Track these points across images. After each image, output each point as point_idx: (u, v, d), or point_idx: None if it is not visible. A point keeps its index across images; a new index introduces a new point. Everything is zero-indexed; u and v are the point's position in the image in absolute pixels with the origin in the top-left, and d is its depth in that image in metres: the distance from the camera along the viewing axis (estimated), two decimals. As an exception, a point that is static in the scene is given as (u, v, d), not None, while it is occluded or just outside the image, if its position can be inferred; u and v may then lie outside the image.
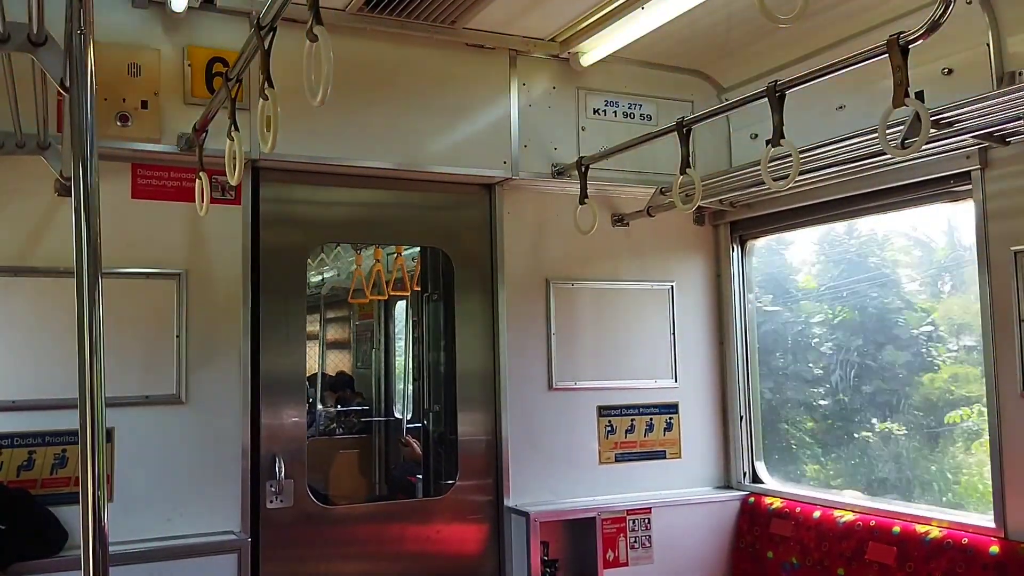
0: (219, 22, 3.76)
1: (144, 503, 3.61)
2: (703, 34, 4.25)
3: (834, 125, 3.83)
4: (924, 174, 3.75)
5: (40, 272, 3.53)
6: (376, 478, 6.17)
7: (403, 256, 5.22)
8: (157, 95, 3.66)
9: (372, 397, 6.42)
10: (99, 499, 1.70)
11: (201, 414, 3.74)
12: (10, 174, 3.51)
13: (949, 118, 3.16)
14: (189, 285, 3.77)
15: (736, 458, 4.82)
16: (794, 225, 4.64)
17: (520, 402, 4.41)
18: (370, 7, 3.83)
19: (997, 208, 3.53)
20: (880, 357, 4.83)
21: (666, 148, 3.93)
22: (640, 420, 4.66)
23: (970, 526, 3.59)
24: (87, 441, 1.72)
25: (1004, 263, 3.48)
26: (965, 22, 3.41)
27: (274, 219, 4.03)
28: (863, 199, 4.12)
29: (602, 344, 4.63)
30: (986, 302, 3.55)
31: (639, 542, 4.38)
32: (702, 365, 4.87)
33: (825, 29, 3.93)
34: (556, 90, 4.45)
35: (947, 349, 4.55)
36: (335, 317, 6.90)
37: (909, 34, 2.55)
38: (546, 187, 4.48)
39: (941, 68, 3.58)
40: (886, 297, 4.89)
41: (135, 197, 3.75)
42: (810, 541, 4.18)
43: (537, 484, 4.40)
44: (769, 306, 5.17)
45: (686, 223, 4.86)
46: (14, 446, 3.46)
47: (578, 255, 4.59)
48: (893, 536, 3.81)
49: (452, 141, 4.23)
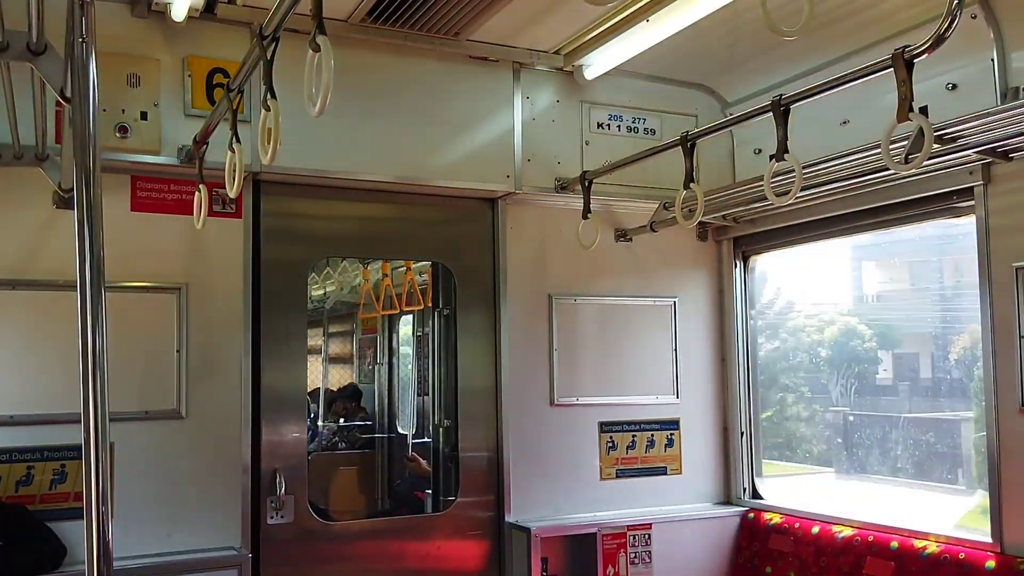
0: (220, 32, 3.73)
1: (144, 519, 3.57)
2: (707, 48, 4.24)
3: (838, 140, 3.81)
4: (927, 190, 3.75)
5: (39, 285, 3.50)
6: (379, 493, 6.13)
7: (412, 270, 5.20)
8: (157, 106, 3.63)
9: (375, 412, 6.39)
10: (103, 516, 1.67)
11: (201, 429, 3.71)
12: (8, 186, 3.49)
13: (952, 133, 3.15)
14: (189, 299, 3.75)
15: (736, 474, 4.80)
16: (797, 241, 4.63)
17: (522, 418, 4.38)
18: (373, 18, 3.81)
19: (999, 224, 3.52)
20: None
21: (670, 163, 3.91)
22: (641, 436, 4.63)
23: (967, 541, 3.60)
24: (91, 458, 1.68)
25: (1006, 279, 3.48)
26: (970, 37, 3.41)
27: (275, 232, 4.00)
28: (866, 215, 4.11)
29: (604, 360, 4.61)
30: (987, 317, 3.55)
31: (639, 558, 4.34)
32: (703, 381, 4.85)
33: (830, 43, 3.93)
34: (560, 103, 4.45)
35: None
36: (338, 331, 6.88)
37: (914, 49, 2.54)
38: (549, 202, 4.46)
39: (945, 83, 3.59)
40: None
41: (134, 210, 3.72)
42: (808, 556, 4.17)
43: (538, 500, 4.37)
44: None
45: (689, 239, 4.85)
46: (12, 461, 3.43)
47: (581, 270, 4.57)
48: (891, 551, 3.81)
49: (455, 155, 4.22)
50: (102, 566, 1.62)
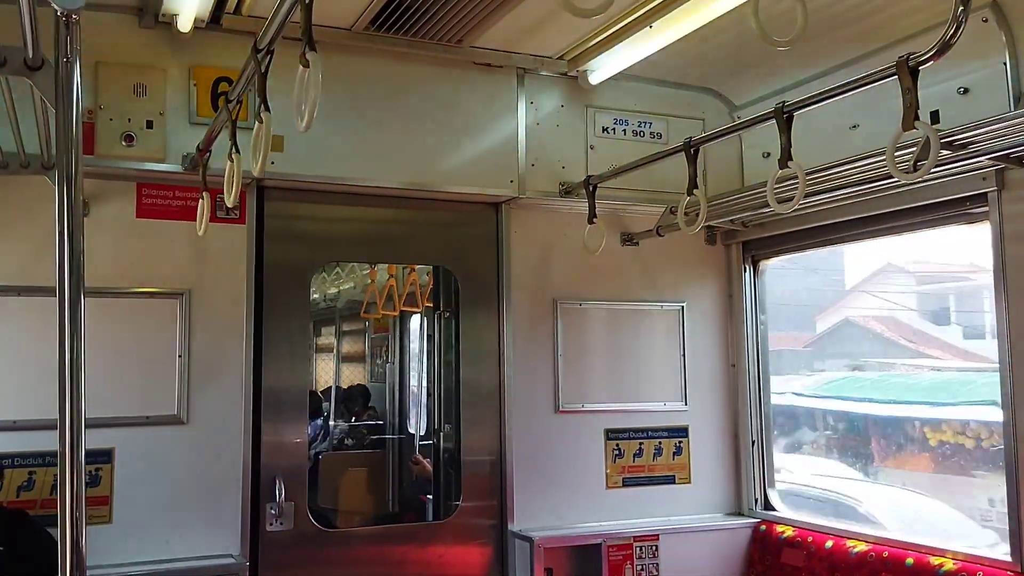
0: (225, 42, 3.74)
1: (143, 525, 3.58)
2: (714, 52, 4.18)
3: (848, 143, 3.76)
4: (940, 195, 3.67)
5: (43, 291, 3.49)
6: (389, 495, 6.13)
7: (416, 272, 5.20)
8: (162, 115, 3.67)
9: (385, 412, 6.39)
10: (78, 522, 1.71)
11: (202, 435, 3.72)
12: (14, 194, 3.53)
13: (964, 139, 3.09)
14: (192, 305, 3.77)
15: (747, 484, 4.71)
16: (807, 245, 4.56)
17: (526, 424, 4.34)
18: (376, 26, 3.80)
19: (1015, 230, 3.45)
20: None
21: (676, 167, 3.84)
22: (648, 444, 4.58)
23: (985, 559, 3.50)
24: (67, 464, 1.71)
25: (1021, 286, 3.40)
26: (981, 41, 3.35)
27: (278, 238, 4.01)
28: (878, 220, 4.04)
29: (610, 366, 4.57)
30: (1003, 325, 3.46)
31: (646, 570, 4.28)
32: (713, 388, 4.78)
33: (839, 47, 3.87)
34: (564, 108, 4.41)
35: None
36: (351, 330, 6.89)
37: (919, 56, 2.49)
38: (554, 206, 4.43)
39: (957, 87, 3.51)
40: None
41: (140, 216, 3.77)
42: (822, 572, 4.07)
43: (542, 508, 4.32)
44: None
45: (697, 243, 4.78)
46: (14, 466, 3.45)
47: (586, 275, 4.53)
48: (906, 568, 3.71)
49: (459, 160, 4.20)
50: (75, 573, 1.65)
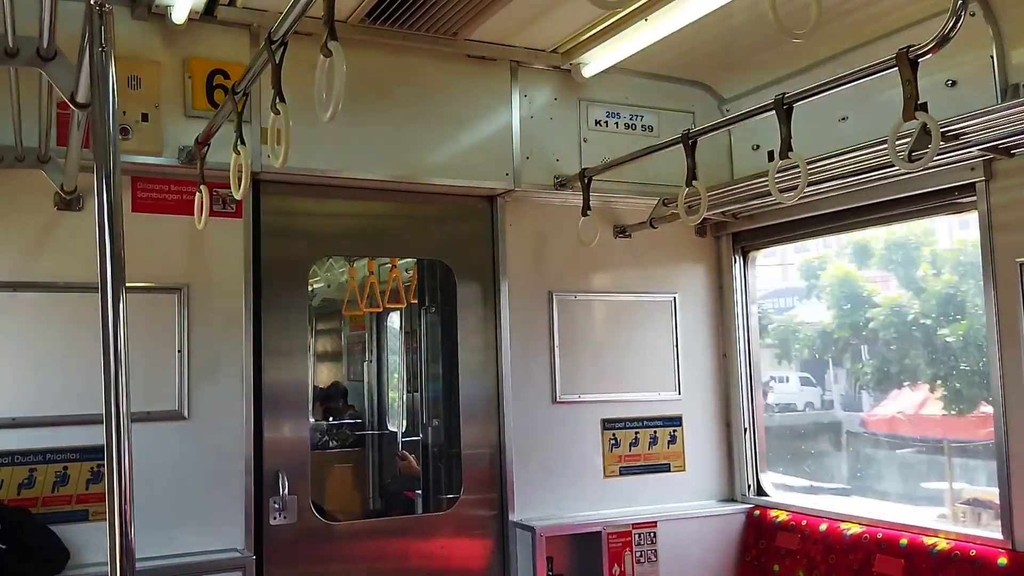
0: (220, 34, 3.72)
1: (146, 520, 3.54)
2: (705, 45, 4.24)
3: (837, 136, 3.82)
4: (928, 186, 3.75)
5: (40, 287, 3.49)
6: (370, 493, 6.12)
7: (398, 268, 5.19)
8: (157, 107, 3.62)
9: (364, 410, 6.37)
10: (126, 516, 1.67)
11: (203, 430, 3.70)
12: (9, 188, 3.47)
13: (955, 130, 3.16)
14: (191, 299, 3.74)
15: (740, 471, 4.80)
16: (797, 236, 4.64)
17: (524, 415, 4.37)
18: (372, 18, 3.80)
19: (1002, 220, 3.53)
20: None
21: (668, 159, 3.92)
22: (644, 433, 4.63)
23: (978, 538, 3.59)
24: (114, 459, 1.68)
25: (1009, 275, 3.48)
26: (969, 34, 3.38)
27: (275, 232, 3.99)
28: (867, 210, 4.12)
29: (605, 356, 4.61)
30: (991, 314, 3.55)
31: (645, 556, 4.34)
32: (705, 377, 4.85)
33: (827, 40, 3.92)
34: (558, 101, 4.44)
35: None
36: (326, 329, 6.85)
37: (918, 48, 2.55)
38: (548, 199, 4.46)
39: (945, 80, 3.58)
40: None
41: (135, 211, 3.71)
42: (817, 554, 4.16)
43: (541, 498, 4.36)
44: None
45: (688, 234, 4.84)
46: (15, 464, 3.41)
47: (580, 267, 4.57)
48: (900, 548, 3.79)
49: (453, 153, 4.21)
50: (125, 566, 1.64)
